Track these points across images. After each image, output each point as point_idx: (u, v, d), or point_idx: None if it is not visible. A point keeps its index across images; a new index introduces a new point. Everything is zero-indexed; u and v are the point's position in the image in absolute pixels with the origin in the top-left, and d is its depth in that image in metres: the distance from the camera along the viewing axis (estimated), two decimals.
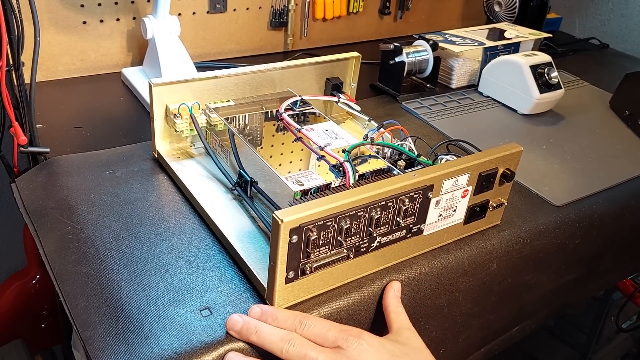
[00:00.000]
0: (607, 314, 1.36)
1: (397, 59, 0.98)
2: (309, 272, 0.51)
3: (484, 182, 0.61)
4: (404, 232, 0.57)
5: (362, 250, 0.55)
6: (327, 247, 0.51)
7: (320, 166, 0.71)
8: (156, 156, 0.73)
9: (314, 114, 0.73)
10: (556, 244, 0.71)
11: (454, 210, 0.61)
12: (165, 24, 0.90)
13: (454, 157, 0.64)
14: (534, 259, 0.70)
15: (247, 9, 1.10)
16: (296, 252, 0.49)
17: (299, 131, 0.66)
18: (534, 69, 0.96)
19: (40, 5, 0.89)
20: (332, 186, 0.58)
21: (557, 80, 0.97)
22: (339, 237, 0.51)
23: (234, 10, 1.08)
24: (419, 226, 0.58)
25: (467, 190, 0.60)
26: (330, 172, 0.61)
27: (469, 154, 0.76)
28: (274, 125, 0.74)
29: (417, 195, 0.55)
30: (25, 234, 1.01)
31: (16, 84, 0.66)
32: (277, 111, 0.70)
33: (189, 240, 0.60)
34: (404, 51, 0.98)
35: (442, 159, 0.64)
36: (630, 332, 1.47)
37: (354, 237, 0.53)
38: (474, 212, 0.63)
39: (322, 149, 0.62)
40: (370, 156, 0.64)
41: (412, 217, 0.57)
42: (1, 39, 0.61)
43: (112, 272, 0.55)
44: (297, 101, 0.72)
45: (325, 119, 0.71)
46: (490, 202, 0.64)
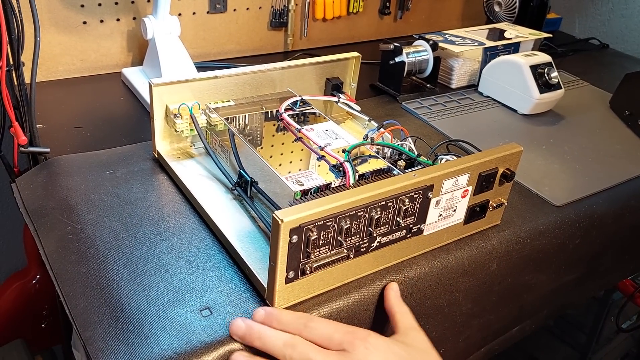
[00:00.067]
0: (607, 314, 1.36)
1: (397, 59, 0.98)
2: (309, 272, 0.51)
3: (484, 182, 0.61)
4: (404, 232, 0.57)
5: (362, 250, 0.55)
6: (327, 247, 0.51)
7: (320, 166, 0.71)
8: (156, 156, 0.73)
9: (314, 114, 0.73)
10: (556, 244, 0.71)
11: (454, 210, 0.61)
12: (165, 24, 0.90)
13: (454, 157, 0.64)
14: (534, 259, 0.70)
15: (247, 9, 1.10)
16: (296, 252, 0.49)
17: (299, 131, 0.66)
18: (534, 69, 0.96)
19: (40, 5, 0.89)
20: (332, 186, 0.58)
21: (557, 80, 0.97)
22: (339, 237, 0.51)
23: (234, 10, 1.08)
24: (419, 226, 0.58)
25: (467, 190, 0.60)
26: (330, 172, 0.61)
27: (469, 154, 0.76)
28: (274, 125, 0.74)
29: (417, 195, 0.55)
30: (25, 234, 1.01)
31: (16, 84, 0.66)
32: (277, 111, 0.70)
33: (189, 240, 0.60)
34: (404, 51, 0.98)
35: (442, 159, 0.64)
36: (630, 332, 1.46)
37: (354, 237, 0.53)
38: (474, 212, 0.63)
39: (322, 149, 0.62)
40: (370, 156, 0.64)
41: (412, 217, 0.57)
42: (1, 39, 0.61)
43: (112, 272, 0.55)
44: (297, 101, 0.72)
45: (325, 119, 0.71)
46: (490, 202, 0.64)
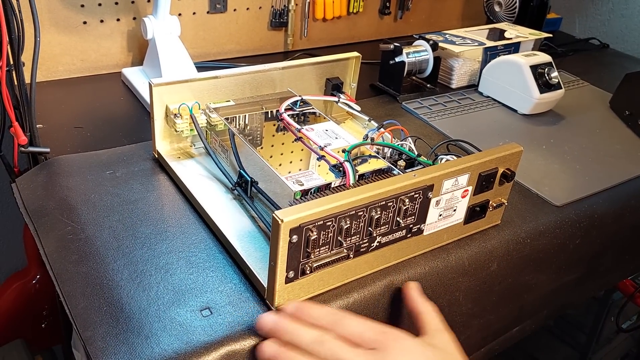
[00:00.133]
0: (607, 314, 1.36)
1: (397, 59, 0.98)
2: (309, 272, 0.51)
3: (484, 182, 0.61)
4: (404, 232, 0.57)
5: (362, 250, 0.55)
6: (327, 247, 0.51)
7: (320, 166, 0.71)
8: (156, 156, 0.73)
9: (314, 114, 0.73)
10: (556, 244, 0.71)
11: (454, 210, 0.61)
12: (165, 24, 0.90)
13: (454, 157, 0.64)
14: (534, 259, 0.70)
15: (247, 9, 1.10)
16: (296, 252, 0.49)
17: (299, 131, 0.66)
18: (534, 69, 0.96)
19: (40, 5, 0.89)
20: (332, 186, 0.58)
21: (557, 80, 0.97)
22: (339, 237, 0.51)
23: (234, 10, 1.08)
24: (419, 226, 0.58)
25: (467, 190, 0.60)
26: (330, 172, 0.61)
27: (469, 154, 0.76)
28: (274, 125, 0.74)
29: (417, 195, 0.55)
30: (25, 234, 1.01)
31: (16, 84, 0.66)
32: (277, 111, 0.70)
33: (189, 240, 0.60)
34: (404, 51, 0.98)
35: (442, 159, 0.64)
36: (630, 332, 1.46)
37: (354, 237, 0.53)
38: (474, 212, 0.63)
39: (322, 149, 0.62)
40: (370, 156, 0.64)
41: (412, 217, 0.57)
42: (1, 39, 0.61)
43: (113, 272, 0.55)
44: (297, 101, 0.72)
45: (325, 119, 0.71)
46: (490, 202, 0.64)
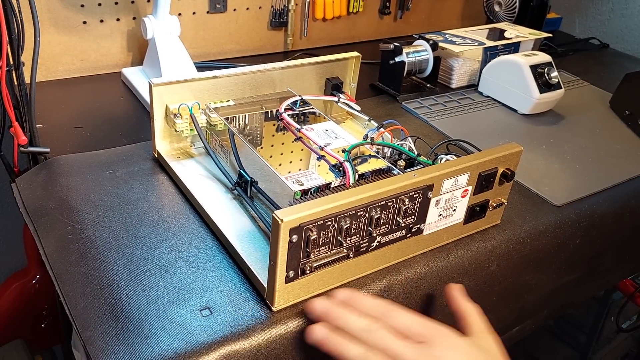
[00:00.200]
0: (607, 314, 1.36)
1: (397, 59, 0.98)
2: (308, 272, 0.51)
3: (483, 182, 0.61)
4: (404, 231, 0.57)
5: (362, 249, 0.55)
6: (327, 246, 0.51)
7: (320, 166, 0.71)
8: (156, 156, 0.73)
9: (314, 113, 0.73)
10: (556, 244, 0.71)
11: (454, 210, 0.61)
12: (165, 24, 0.90)
13: (454, 156, 0.64)
14: (534, 258, 0.70)
15: (247, 9, 1.10)
16: (296, 252, 0.49)
17: (299, 131, 0.66)
18: (534, 68, 0.96)
19: (40, 5, 0.89)
20: (332, 186, 0.58)
21: (557, 80, 0.97)
22: (339, 237, 0.51)
23: (234, 10, 1.08)
24: (418, 226, 0.58)
25: (467, 190, 0.60)
26: (330, 171, 0.61)
27: (469, 153, 0.76)
28: (274, 125, 0.74)
29: (417, 195, 0.55)
30: (25, 234, 1.01)
31: (16, 83, 0.66)
32: (277, 111, 0.70)
33: (189, 240, 0.60)
34: (404, 51, 0.98)
35: (442, 159, 0.64)
36: (630, 332, 1.46)
37: (353, 237, 0.53)
38: (474, 212, 0.63)
39: (322, 148, 0.62)
40: (370, 156, 0.64)
41: (412, 217, 0.57)
42: (1, 39, 0.61)
43: (112, 272, 0.55)
44: (297, 101, 0.72)
45: (325, 118, 0.71)
46: (490, 202, 0.64)
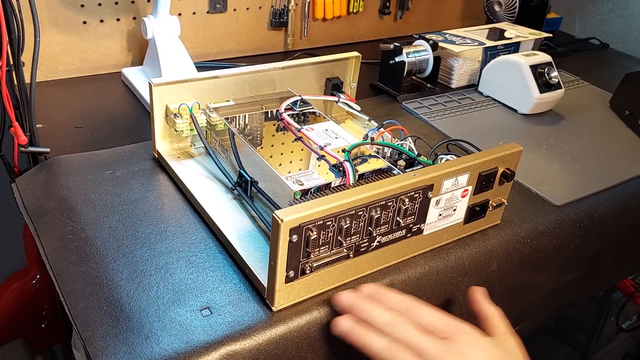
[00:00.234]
0: (607, 314, 1.36)
1: (397, 59, 0.98)
2: (308, 272, 0.51)
3: (483, 182, 0.61)
4: (404, 231, 0.57)
5: (362, 249, 0.55)
6: (327, 246, 0.51)
7: (320, 166, 0.71)
8: (156, 156, 0.73)
9: (314, 113, 0.73)
10: (556, 244, 0.71)
11: (454, 209, 0.61)
12: (165, 24, 0.90)
13: (454, 156, 0.64)
14: (534, 258, 0.70)
15: (247, 9, 1.10)
16: (296, 252, 0.49)
17: (299, 131, 0.66)
18: (534, 68, 0.96)
19: (40, 5, 0.89)
20: (332, 186, 0.58)
21: (557, 80, 0.97)
22: (339, 237, 0.51)
23: (234, 10, 1.08)
24: (418, 226, 0.58)
25: (467, 189, 0.60)
26: (330, 171, 0.61)
27: (469, 153, 0.76)
28: (274, 125, 0.74)
29: (417, 194, 0.55)
30: (25, 234, 1.01)
31: (16, 83, 0.66)
32: (277, 111, 0.70)
33: (189, 240, 0.60)
34: (404, 51, 0.98)
35: (442, 159, 0.64)
36: (630, 332, 1.46)
37: (353, 237, 0.53)
38: (474, 212, 0.63)
39: (322, 148, 0.62)
40: (370, 156, 0.64)
41: (412, 217, 0.57)
42: (1, 39, 0.61)
43: (113, 271, 0.55)
44: (297, 101, 0.72)
45: (325, 118, 0.71)
46: (490, 202, 0.64)
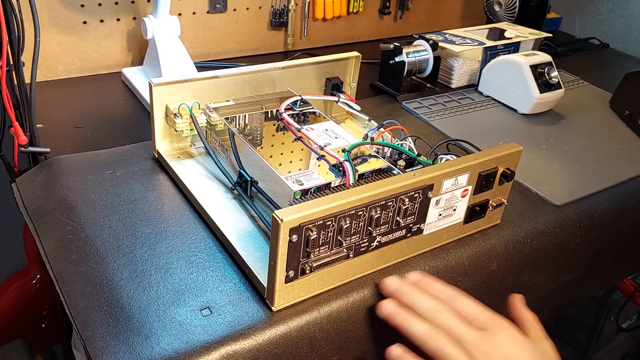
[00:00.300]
0: (607, 314, 1.36)
1: (397, 59, 0.98)
2: (308, 272, 0.51)
3: (483, 182, 0.61)
4: (404, 231, 0.57)
5: (362, 249, 0.55)
6: (327, 246, 0.51)
7: (320, 166, 0.71)
8: (156, 156, 0.73)
9: (314, 113, 0.73)
10: (556, 244, 0.71)
11: (454, 209, 0.61)
12: (165, 24, 0.90)
13: (453, 156, 0.64)
14: (534, 258, 0.70)
15: (247, 9, 1.10)
16: (296, 252, 0.49)
17: (299, 131, 0.66)
18: (534, 68, 0.96)
19: (40, 5, 0.89)
20: (332, 186, 0.58)
21: (557, 80, 0.97)
22: (339, 237, 0.51)
23: (234, 10, 1.08)
24: (418, 226, 0.58)
25: (467, 189, 0.60)
26: (330, 171, 0.61)
27: (468, 153, 0.76)
28: (274, 125, 0.74)
29: (417, 194, 0.55)
30: (25, 233, 1.01)
31: (16, 83, 0.66)
32: (277, 111, 0.70)
33: (189, 239, 0.60)
34: (404, 51, 0.98)
35: (442, 159, 0.64)
36: (630, 332, 1.46)
37: (353, 237, 0.53)
38: (474, 212, 0.63)
39: (322, 148, 0.62)
40: (370, 156, 0.64)
41: (412, 217, 0.57)
42: (1, 39, 0.61)
43: (113, 271, 0.55)
44: (297, 101, 0.72)
45: (325, 118, 0.71)
46: (490, 202, 0.64)
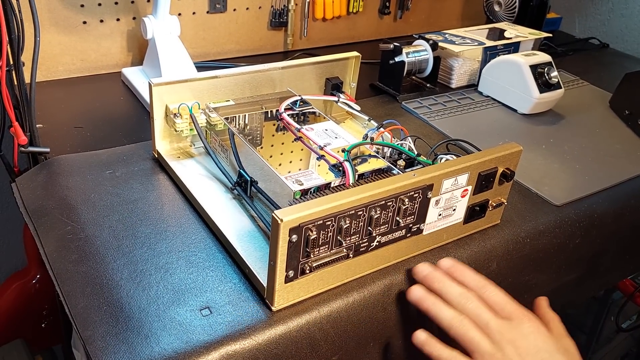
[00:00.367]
0: (607, 314, 1.36)
1: (397, 59, 0.98)
2: (308, 272, 0.51)
3: (483, 182, 0.61)
4: (404, 231, 0.57)
5: (362, 249, 0.55)
6: (326, 246, 0.51)
7: (320, 166, 0.71)
8: (156, 156, 0.73)
9: (314, 113, 0.73)
10: (556, 244, 0.71)
11: (454, 209, 0.61)
12: (165, 24, 0.90)
13: (453, 156, 0.64)
14: (534, 258, 0.70)
15: (247, 9, 1.10)
16: (296, 252, 0.49)
17: (298, 131, 0.66)
18: (533, 68, 0.96)
19: (40, 5, 0.89)
20: (332, 186, 0.58)
21: (557, 80, 0.97)
22: (339, 237, 0.51)
23: (234, 10, 1.08)
24: (418, 226, 0.58)
25: (466, 189, 0.60)
26: (330, 171, 0.61)
27: (468, 153, 0.76)
28: (274, 125, 0.74)
29: (416, 194, 0.55)
30: (25, 233, 1.01)
31: (16, 83, 0.66)
32: (277, 111, 0.71)
33: (189, 239, 0.60)
34: (404, 51, 0.98)
35: (441, 159, 0.64)
36: (630, 332, 1.46)
37: (353, 237, 0.53)
38: (474, 212, 0.63)
39: (321, 148, 0.62)
40: (370, 156, 0.64)
41: (412, 217, 0.57)
42: (1, 39, 0.61)
43: (112, 271, 0.55)
44: (297, 101, 0.72)
45: (325, 118, 0.71)
46: (489, 202, 0.64)
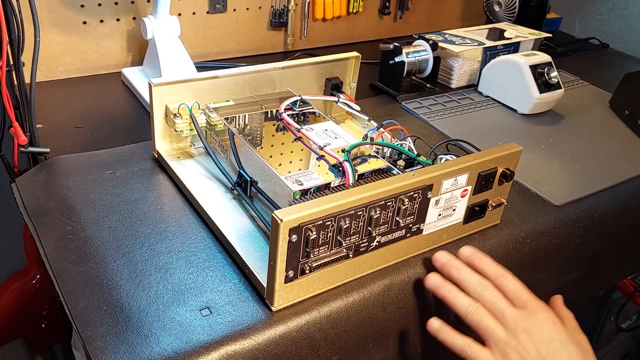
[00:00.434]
0: (607, 314, 1.36)
1: (397, 59, 0.98)
2: (308, 272, 0.51)
3: (483, 182, 0.61)
4: (404, 231, 0.57)
5: (362, 249, 0.55)
6: (326, 246, 0.51)
7: (320, 166, 0.71)
8: (156, 156, 0.73)
9: (314, 113, 0.73)
10: (556, 244, 0.71)
11: (454, 209, 0.61)
12: (165, 24, 0.90)
13: (453, 156, 0.64)
14: (534, 258, 0.70)
15: (247, 9, 1.10)
16: (295, 252, 0.49)
17: (298, 131, 0.66)
18: (533, 68, 0.96)
19: (40, 5, 0.89)
20: (332, 186, 0.58)
21: (556, 80, 0.97)
22: (339, 237, 0.51)
23: (234, 10, 1.08)
24: (418, 226, 0.58)
25: (466, 189, 0.60)
26: (329, 171, 0.61)
27: (468, 153, 0.76)
28: (274, 125, 0.74)
29: (416, 194, 0.55)
30: (25, 234, 1.01)
31: (16, 84, 0.66)
32: (277, 111, 0.71)
33: (189, 239, 0.60)
34: (404, 51, 0.98)
35: (441, 159, 0.65)
36: (630, 332, 1.46)
37: (353, 237, 0.53)
38: (474, 212, 0.63)
39: (321, 148, 0.62)
40: (369, 156, 0.64)
41: (412, 217, 0.57)
42: (1, 39, 0.61)
43: (112, 271, 0.55)
44: (296, 101, 0.72)
45: (325, 118, 0.71)
46: (489, 202, 0.64)
